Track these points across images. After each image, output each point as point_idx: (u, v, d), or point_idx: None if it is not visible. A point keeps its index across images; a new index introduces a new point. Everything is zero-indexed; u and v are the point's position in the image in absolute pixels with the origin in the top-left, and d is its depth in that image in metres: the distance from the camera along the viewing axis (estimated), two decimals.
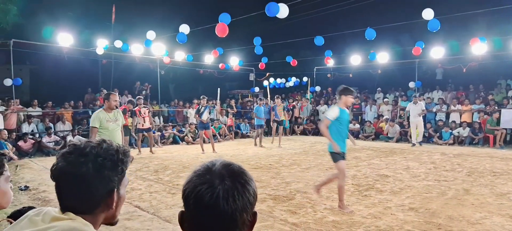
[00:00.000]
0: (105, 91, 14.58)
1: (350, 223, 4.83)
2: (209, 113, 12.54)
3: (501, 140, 13.13)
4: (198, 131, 13.01)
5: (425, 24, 12.00)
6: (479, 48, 13.85)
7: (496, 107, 14.01)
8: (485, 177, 7.73)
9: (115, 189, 1.19)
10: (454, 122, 14.61)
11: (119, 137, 6.14)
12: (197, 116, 12.26)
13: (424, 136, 14.59)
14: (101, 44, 14.41)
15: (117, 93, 6.46)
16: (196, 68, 19.62)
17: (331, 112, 5.04)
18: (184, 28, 13.24)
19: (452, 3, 15.65)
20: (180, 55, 17.03)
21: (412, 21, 12.73)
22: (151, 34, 14.62)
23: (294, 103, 19.23)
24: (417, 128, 13.81)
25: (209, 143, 12.44)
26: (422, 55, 15.92)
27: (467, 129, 13.98)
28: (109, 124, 6.00)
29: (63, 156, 1.18)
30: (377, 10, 18.78)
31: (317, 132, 17.91)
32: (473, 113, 14.60)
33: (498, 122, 13.46)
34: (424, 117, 15.44)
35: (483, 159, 10.14)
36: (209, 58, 17.86)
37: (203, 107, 12.03)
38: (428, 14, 11.31)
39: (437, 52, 15.14)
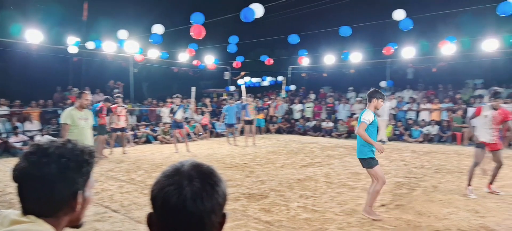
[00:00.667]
0: (75, 90, 14.22)
1: (322, 220, 4.90)
2: (184, 112, 12.41)
3: (468, 138, 13.59)
4: (172, 130, 12.86)
5: (397, 25, 12.31)
6: (448, 48, 14.32)
7: (464, 106, 14.51)
8: (452, 173, 7.99)
9: (80, 191, 1.16)
10: (423, 120, 15.02)
11: (89, 136, 6.01)
12: (171, 115, 12.12)
13: (394, 134, 14.97)
14: (71, 42, 14.03)
15: (89, 93, 6.33)
16: (170, 66, 19.41)
17: (367, 116, 5.00)
18: (158, 28, 13.07)
19: (423, 4, 16.08)
20: (154, 53, 16.79)
21: (384, 21, 13.00)
22: (124, 33, 14.36)
23: (269, 102, 19.31)
24: (385, 125, 14.24)
25: (183, 142, 12.34)
26: (393, 55, 16.31)
27: (436, 126, 14.41)
28: (80, 122, 5.88)
29: (25, 156, 1.14)
30: (350, 10, 19.05)
31: (291, 131, 18.05)
32: (441, 112, 15.06)
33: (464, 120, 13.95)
34: (394, 115, 15.83)
35: (451, 156, 10.48)
36: (183, 56, 17.69)
37: (177, 106, 11.91)
38: (399, 15, 11.59)
39: (408, 52, 15.54)
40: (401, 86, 18.78)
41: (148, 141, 14.38)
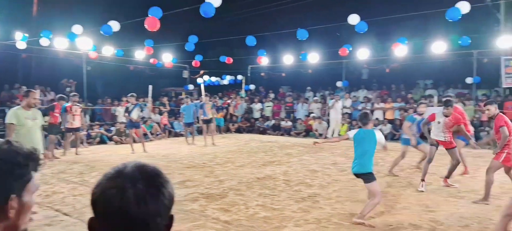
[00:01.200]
0: (24, 88, 13.46)
1: (280, 218, 4.95)
2: (141, 111, 12.10)
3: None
4: (128, 130, 12.49)
5: (352, 27, 12.68)
6: (400, 50, 14.95)
7: (415, 105, 15.18)
8: (404, 170, 8.34)
9: (13, 196, 1.06)
10: (377, 119, 15.57)
11: (38, 136, 5.70)
12: (126, 114, 11.77)
13: None
14: (20, 37, 13.27)
15: (37, 91, 6.00)
16: (126, 64, 18.84)
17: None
18: (114, 24, 12.65)
19: (377, 7, 16.66)
20: (109, 50, 16.23)
21: (340, 23, 13.35)
22: (77, 28, 13.77)
23: (228, 101, 19.26)
24: (335, 124, 14.73)
25: (139, 142, 12.03)
26: (349, 56, 16.79)
27: (389, 125, 14.99)
28: (27, 121, 5.56)
29: None
30: (308, 11, 19.43)
31: (251, 130, 18.11)
32: (394, 111, 15.69)
33: None
34: (350, 115, 16.31)
35: None
36: (140, 54, 17.24)
37: (132, 106, 11.57)
38: (353, 19, 11.95)
39: (362, 54, 16.05)
40: (356, 86, 19.37)
41: (102, 142, 13.89)
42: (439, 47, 14.29)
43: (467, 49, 14.65)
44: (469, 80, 15.43)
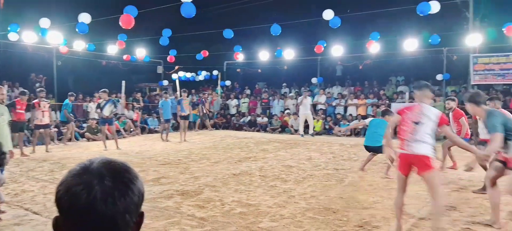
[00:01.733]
0: None
1: (256, 213, 4.96)
2: (114, 107, 11.84)
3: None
4: (100, 127, 12.21)
5: (327, 23, 12.83)
6: (373, 47, 15.24)
7: (387, 102, 15.52)
8: (377, 164, 8.51)
9: None
10: (351, 114, 15.84)
11: (5, 132, 5.51)
12: (98, 110, 11.50)
13: (324, 128, 15.63)
14: None
15: (4, 87, 5.78)
16: (98, 59, 18.41)
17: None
18: (85, 17, 12.32)
19: (351, 4, 16.89)
20: (80, 45, 15.81)
21: (314, 19, 13.47)
22: (45, 22, 13.33)
23: (204, 97, 19.13)
24: (307, 121, 14.87)
25: (112, 139, 11.79)
26: (324, 53, 16.98)
27: (361, 121, 15.26)
28: None
29: None
30: (283, 7, 19.47)
31: (227, 126, 18.07)
32: (367, 107, 15.98)
33: None
34: (324, 110, 16.53)
35: None
36: (113, 48, 16.87)
37: (104, 102, 11.31)
38: (328, 14, 12.08)
39: (337, 51, 16.26)
40: (331, 83, 19.63)
41: (74, 138, 13.54)
42: (410, 44, 14.65)
43: (437, 47, 15.08)
44: (439, 77, 15.88)
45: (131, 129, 15.29)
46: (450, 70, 15.81)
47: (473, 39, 13.92)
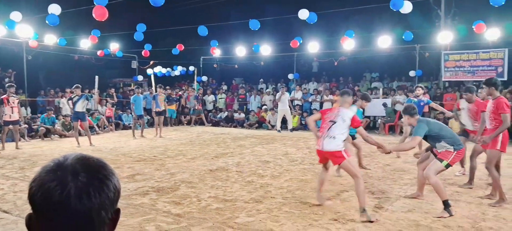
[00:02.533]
0: None
1: (233, 209, 4.96)
2: (87, 102, 11.57)
3: (364, 127, 14.84)
4: (72, 123, 11.90)
5: (303, 20, 12.90)
6: (348, 44, 15.44)
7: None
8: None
9: None
10: None
11: None
12: (71, 106, 11.19)
13: (301, 124, 15.76)
14: None
15: None
16: (70, 53, 17.92)
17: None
18: (55, 9, 11.94)
19: (326, 1, 17.05)
20: (51, 39, 15.34)
21: (291, 15, 13.53)
22: (16, 15, 12.86)
23: (180, 93, 18.94)
24: (284, 116, 14.99)
25: (85, 135, 11.52)
26: (300, 49, 17.09)
27: None
28: None
29: None
30: (260, 3, 19.49)
31: (203, 122, 17.95)
32: None
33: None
34: (301, 106, 16.66)
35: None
36: (85, 43, 16.45)
37: (77, 97, 11.03)
38: (303, 14, 12.19)
39: (313, 47, 16.40)
40: (307, 79, 19.79)
41: (45, 135, 13.15)
42: (384, 41, 14.93)
43: (410, 44, 15.43)
44: (412, 73, 16.25)
45: (105, 125, 14.99)
46: (422, 66, 16.20)
47: (444, 36, 14.31)
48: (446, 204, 4.65)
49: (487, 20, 13.22)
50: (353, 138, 7.35)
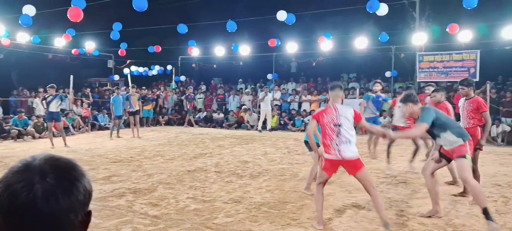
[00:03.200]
0: None
1: (211, 209, 4.93)
2: (62, 102, 11.29)
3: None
4: (46, 123, 11.59)
5: (282, 21, 12.98)
6: (326, 44, 15.61)
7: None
8: None
9: None
10: (305, 110, 16.14)
11: None
12: (45, 106, 10.90)
13: (280, 124, 15.85)
14: None
15: None
16: (44, 52, 17.45)
17: None
18: (29, 10, 11.64)
19: (304, 2, 17.20)
20: (24, 37, 14.90)
21: (269, 16, 13.58)
22: None
23: (158, 92, 18.72)
24: (266, 116, 15.04)
25: (60, 136, 11.25)
26: (278, 49, 17.17)
27: None
28: None
29: None
30: (239, 3, 19.46)
31: (182, 122, 17.80)
32: (320, 103, 16.36)
33: None
34: (280, 106, 16.74)
35: None
36: (60, 41, 16.05)
37: (51, 97, 10.75)
38: (282, 15, 12.28)
39: (291, 47, 16.51)
40: (286, 79, 19.90)
41: (18, 136, 12.76)
42: (361, 42, 15.16)
43: (386, 45, 15.72)
44: (388, 74, 16.57)
45: (80, 126, 14.67)
46: (398, 67, 16.54)
47: (419, 38, 14.64)
48: (486, 213, 4.06)
49: (460, 22, 13.60)
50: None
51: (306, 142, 5.76)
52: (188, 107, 16.99)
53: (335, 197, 5.51)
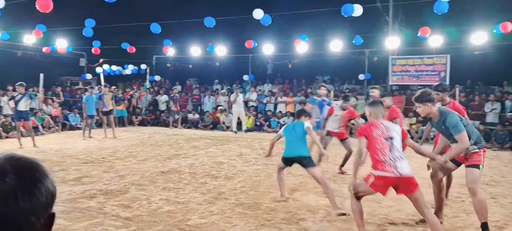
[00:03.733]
0: None
1: (185, 211, 4.87)
2: (31, 101, 10.92)
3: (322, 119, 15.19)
4: (14, 123, 11.18)
5: (258, 22, 13.00)
6: (301, 47, 15.76)
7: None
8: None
9: None
10: (281, 111, 16.22)
11: None
12: (12, 105, 10.51)
13: (256, 125, 15.86)
14: None
15: None
16: (13, 49, 16.84)
17: None
18: None
19: (281, 4, 17.28)
20: None
21: (245, 16, 13.57)
22: None
23: (131, 92, 18.38)
24: (239, 117, 15.05)
25: (28, 136, 10.88)
26: (255, 51, 17.20)
27: (291, 118, 15.71)
28: None
29: None
30: (215, 3, 19.37)
31: (156, 123, 17.55)
32: (295, 104, 16.49)
33: None
34: (256, 107, 16.77)
35: None
36: (29, 38, 15.53)
37: (20, 95, 10.38)
38: (258, 14, 12.28)
39: (268, 49, 16.56)
40: (262, 80, 19.96)
41: None
42: (336, 45, 15.38)
43: (360, 48, 16.01)
44: (361, 76, 16.86)
45: (50, 126, 14.23)
46: (371, 70, 16.86)
47: (392, 41, 14.97)
48: (485, 228, 3.93)
49: (431, 27, 13.99)
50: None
51: (286, 159, 5.52)
52: (174, 108, 16.72)
53: (308, 198, 5.54)
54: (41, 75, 12.55)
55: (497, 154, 10.67)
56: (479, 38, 13.44)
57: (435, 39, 14.10)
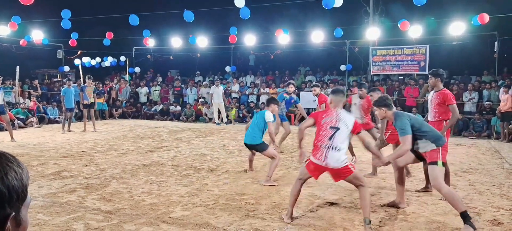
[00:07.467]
0: None
1: (167, 203, 4.83)
2: (7, 95, 10.61)
3: (298, 119, 15.25)
4: None
5: (238, 12, 12.89)
6: (283, 38, 15.74)
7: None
8: (288, 151, 8.86)
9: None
10: (263, 103, 16.19)
11: None
12: None
13: (239, 116, 15.83)
14: None
15: None
16: None
17: None
18: None
19: None
20: None
21: (226, 7, 13.47)
22: None
23: (110, 84, 18.06)
24: (219, 109, 15.00)
25: (5, 130, 10.58)
26: (237, 42, 17.11)
27: None
28: None
29: None
30: None
31: (137, 115, 17.32)
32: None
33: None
34: (238, 99, 16.72)
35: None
36: (4, 30, 15.06)
37: None
38: (239, 2, 12.16)
39: (250, 40, 16.48)
40: (244, 72, 19.90)
41: None
42: (317, 36, 15.42)
43: (341, 39, 16.10)
44: (342, 67, 16.99)
45: (28, 119, 13.87)
46: (352, 61, 17.00)
47: (372, 32, 15.11)
48: (465, 217, 3.90)
49: (411, 18, 14.17)
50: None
51: (246, 145, 6.20)
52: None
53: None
54: (17, 67, 12.20)
55: (474, 142, 10.95)
56: (457, 28, 13.68)
57: (414, 30, 14.29)
